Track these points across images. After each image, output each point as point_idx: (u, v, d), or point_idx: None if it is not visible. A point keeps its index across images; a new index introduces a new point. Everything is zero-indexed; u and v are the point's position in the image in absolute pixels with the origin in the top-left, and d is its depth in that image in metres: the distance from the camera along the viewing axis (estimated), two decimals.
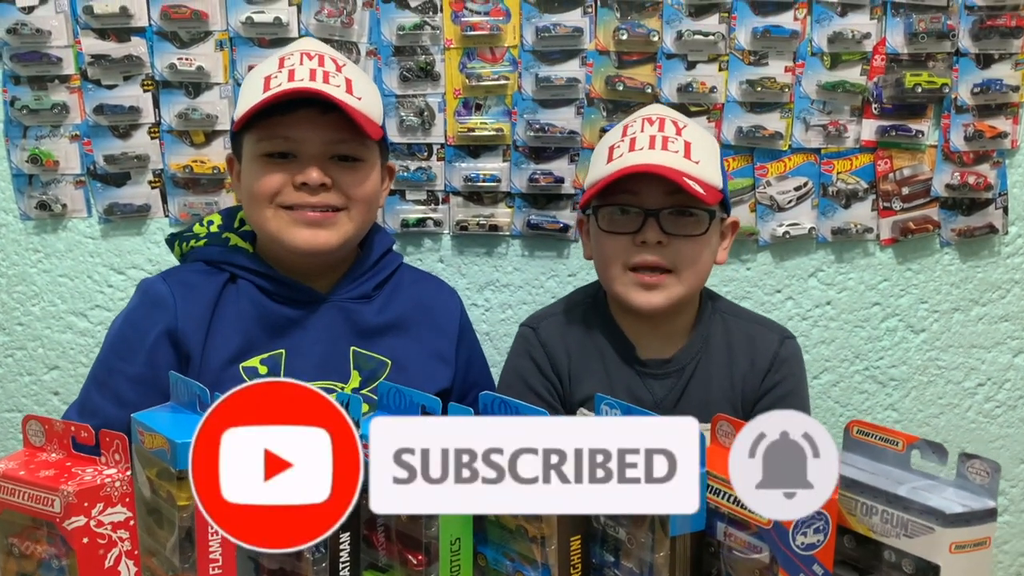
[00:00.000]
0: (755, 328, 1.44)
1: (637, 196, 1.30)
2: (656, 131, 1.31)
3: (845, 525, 0.78)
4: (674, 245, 1.30)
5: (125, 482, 0.80)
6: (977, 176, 1.75)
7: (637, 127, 1.33)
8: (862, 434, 0.82)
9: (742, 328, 1.43)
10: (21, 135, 1.69)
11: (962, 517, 0.71)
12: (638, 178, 1.27)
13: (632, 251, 1.31)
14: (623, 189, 1.29)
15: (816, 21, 1.69)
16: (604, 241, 1.33)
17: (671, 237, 1.30)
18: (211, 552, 0.86)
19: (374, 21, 1.67)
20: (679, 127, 1.33)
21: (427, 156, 1.72)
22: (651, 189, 1.29)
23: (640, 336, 1.40)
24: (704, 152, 1.32)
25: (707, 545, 0.80)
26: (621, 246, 1.31)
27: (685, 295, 1.34)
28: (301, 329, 1.29)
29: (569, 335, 1.41)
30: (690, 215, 1.31)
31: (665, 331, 1.40)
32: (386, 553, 0.88)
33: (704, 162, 1.30)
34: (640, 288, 1.31)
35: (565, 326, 1.43)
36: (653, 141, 1.29)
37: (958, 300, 1.84)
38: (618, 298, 1.35)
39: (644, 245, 1.30)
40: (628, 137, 1.32)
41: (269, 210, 1.26)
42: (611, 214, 1.33)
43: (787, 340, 1.44)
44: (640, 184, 1.28)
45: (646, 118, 1.34)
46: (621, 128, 1.36)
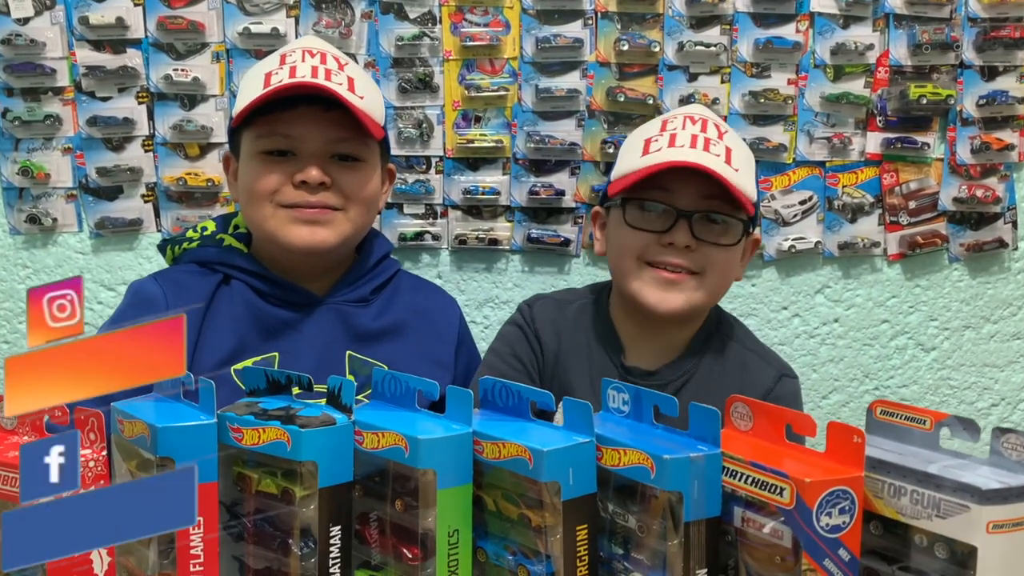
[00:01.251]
0: (752, 358, 1.35)
1: (671, 195, 1.23)
2: (699, 131, 1.25)
3: (871, 510, 0.72)
4: (702, 250, 1.24)
5: (100, 463, 0.75)
6: (985, 189, 1.73)
7: (679, 123, 1.27)
8: (886, 414, 0.77)
9: (738, 355, 1.35)
10: (12, 148, 1.67)
11: (1000, 494, 0.66)
12: (675, 176, 1.21)
13: (656, 249, 1.24)
14: (658, 185, 1.23)
15: (818, 33, 1.68)
16: (626, 235, 1.26)
17: (700, 243, 1.23)
18: (192, 548, 0.80)
19: (372, 32, 1.66)
20: (721, 131, 1.27)
21: (426, 169, 1.70)
22: (687, 189, 1.22)
23: (634, 342, 1.33)
24: (743, 161, 1.26)
25: (723, 533, 0.75)
26: (644, 242, 1.24)
27: (704, 303, 1.28)
28: (296, 332, 1.24)
29: (561, 322, 1.36)
30: (723, 223, 1.25)
31: (661, 343, 1.33)
32: (380, 549, 0.82)
33: (743, 171, 1.24)
34: (658, 285, 1.23)
35: (559, 312, 1.37)
36: (695, 140, 1.23)
37: (969, 317, 1.80)
38: (631, 295, 1.27)
39: (671, 247, 1.23)
40: (668, 132, 1.25)
41: (267, 208, 1.23)
42: (640, 210, 1.25)
43: (785, 379, 1.34)
44: (676, 182, 1.22)
45: (688, 116, 1.28)
46: (660, 122, 1.29)
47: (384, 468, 0.81)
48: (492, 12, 1.66)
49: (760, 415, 0.77)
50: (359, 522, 0.83)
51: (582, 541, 0.76)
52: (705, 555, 0.73)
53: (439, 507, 0.77)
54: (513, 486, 0.77)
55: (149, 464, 0.80)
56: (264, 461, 0.82)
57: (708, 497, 0.73)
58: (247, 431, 0.81)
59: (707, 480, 0.73)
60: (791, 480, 0.68)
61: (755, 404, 0.78)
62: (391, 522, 0.81)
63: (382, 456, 0.79)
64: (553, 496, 0.74)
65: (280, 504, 0.81)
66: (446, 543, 0.78)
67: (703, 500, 0.73)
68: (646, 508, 0.75)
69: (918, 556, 0.71)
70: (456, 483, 0.78)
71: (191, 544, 0.80)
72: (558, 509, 0.74)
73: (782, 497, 0.69)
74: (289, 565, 0.81)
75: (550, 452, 0.73)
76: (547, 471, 0.73)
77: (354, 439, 0.81)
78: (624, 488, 0.77)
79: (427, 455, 0.76)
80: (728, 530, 0.74)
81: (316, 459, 0.78)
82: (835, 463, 0.70)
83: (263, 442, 0.80)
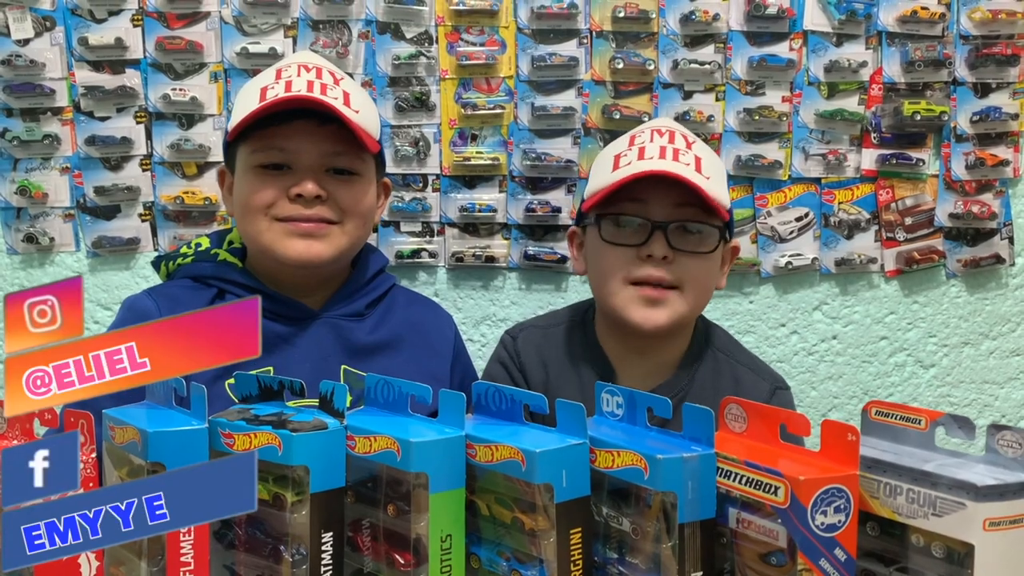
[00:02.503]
0: (745, 373, 1.34)
1: (644, 206, 1.23)
2: (667, 142, 1.25)
3: (867, 510, 0.71)
4: (680, 261, 1.23)
5: (90, 465, 0.74)
6: (981, 205, 1.73)
7: (646, 136, 1.27)
8: (881, 415, 0.77)
9: (732, 370, 1.34)
10: (11, 168, 1.67)
11: (996, 490, 0.65)
12: (646, 187, 1.21)
13: (635, 264, 1.23)
14: (630, 198, 1.23)
15: (812, 51, 1.69)
16: (604, 253, 1.26)
17: (677, 253, 1.23)
18: (183, 555, 0.79)
19: (369, 52, 1.67)
20: (688, 141, 1.27)
21: (422, 187, 1.70)
22: (660, 200, 1.22)
23: (625, 363, 1.32)
24: (713, 170, 1.26)
25: (719, 536, 0.74)
26: (623, 259, 1.24)
27: (687, 316, 1.27)
28: (290, 346, 1.24)
29: (547, 350, 1.34)
30: (698, 231, 1.25)
31: (652, 362, 1.31)
32: (372, 555, 0.81)
33: (714, 179, 1.24)
34: (642, 304, 1.23)
35: (544, 339, 1.36)
36: (664, 151, 1.24)
37: (967, 334, 1.80)
38: (615, 314, 1.26)
39: (649, 259, 1.22)
40: (637, 146, 1.26)
41: (263, 222, 1.22)
42: (615, 225, 1.26)
43: (779, 391, 1.34)
44: (648, 193, 1.22)
45: (655, 129, 1.29)
46: (628, 138, 1.30)
47: (376, 473, 0.80)
48: (488, 32, 1.67)
49: (754, 416, 0.77)
50: (351, 529, 0.82)
51: (576, 545, 0.75)
52: (700, 558, 0.72)
53: (431, 512, 0.76)
54: (507, 490, 0.77)
55: (140, 470, 0.80)
56: None
57: (702, 498, 0.72)
58: (239, 436, 0.80)
59: (701, 481, 0.72)
60: (785, 479, 0.68)
61: (749, 405, 0.77)
62: (383, 528, 0.80)
63: (374, 460, 0.78)
64: (546, 499, 0.73)
65: (272, 510, 0.80)
66: (439, 548, 0.77)
67: (697, 501, 0.72)
68: (640, 510, 0.74)
69: (915, 557, 0.70)
70: (449, 487, 0.77)
71: (181, 552, 0.79)
72: (551, 512, 0.74)
73: (777, 496, 0.68)
74: (280, 573, 0.80)
75: (543, 453, 0.73)
76: (540, 473, 0.72)
77: (346, 444, 0.80)
78: (618, 491, 0.76)
79: (419, 458, 0.76)
80: (723, 532, 0.73)
81: (308, 463, 0.78)
82: (830, 461, 0.70)
83: (254, 447, 0.79)
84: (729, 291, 1.75)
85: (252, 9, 1.64)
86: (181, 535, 0.78)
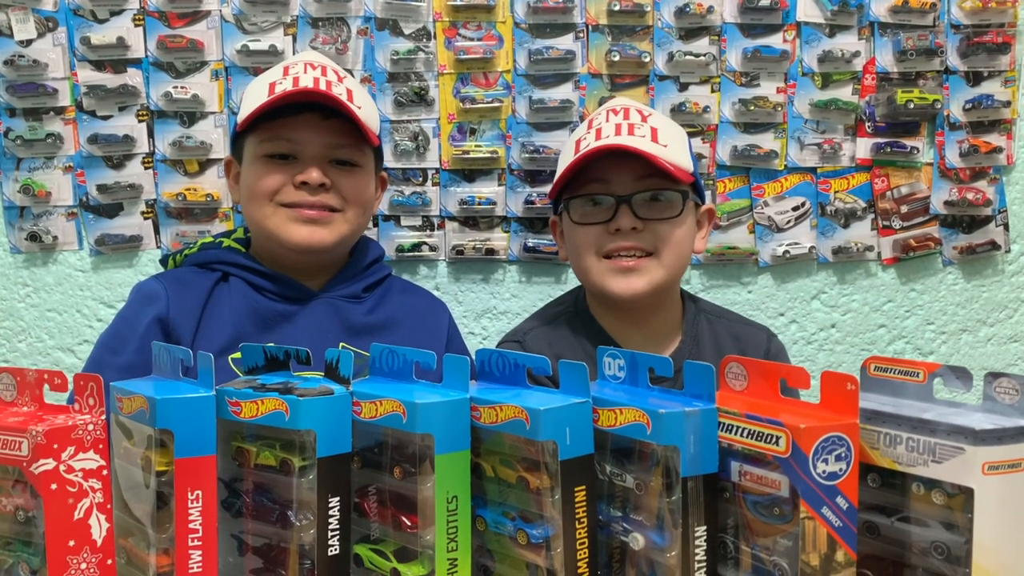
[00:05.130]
0: (741, 328, 1.43)
1: (607, 184, 1.28)
2: (621, 119, 1.31)
3: (868, 462, 0.72)
4: (650, 228, 1.28)
5: (99, 427, 0.75)
6: (975, 192, 1.75)
7: (602, 118, 1.33)
8: (880, 370, 0.78)
9: (728, 328, 1.42)
10: (14, 167, 1.69)
11: (994, 434, 0.66)
12: (607, 165, 1.26)
13: (606, 239, 1.28)
14: (592, 178, 1.28)
15: (805, 42, 1.71)
16: (577, 233, 1.31)
17: (646, 222, 1.27)
18: (191, 522, 0.80)
19: (368, 48, 1.69)
20: (644, 115, 1.33)
21: (422, 181, 1.72)
22: (621, 175, 1.27)
23: (627, 339, 1.35)
24: (671, 137, 1.31)
25: (722, 490, 0.75)
26: (594, 235, 1.29)
27: (665, 280, 1.31)
28: (291, 324, 1.28)
29: (557, 345, 1.37)
30: (663, 198, 1.29)
31: (650, 332, 1.36)
32: (378, 519, 0.82)
33: (672, 146, 1.29)
34: (617, 274, 1.28)
35: (551, 337, 1.38)
36: (619, 128, 1.29)
37: (965, 321, 1.81)
38: (595, 289, 1.31)
39: (619, 233, 1.27)
40: (594, 128, 1.31)
41: (268, 207, 1.28)
42: (582, 206, 1.31)
43: (773, 337, 1.44)
44: (609, 171, 1.27)
45: (610, 109, 1.35)
46: (587, 123, 1.36)
47: (382, 439, 0.81)
48: (485, 27, 1.69)
49: (754, 373, 0.78)
50: (358, 495, 0.83)
51: (580, 503, 0.76)
52: (703, 512, 0.73)
53: (437, 473, 0.77)
54: (511, 450, 0.78)
55: (148, 440, 0.80)
56: (263, 434, 0.82)
57: (705, 452, 0.73)
58: (245, 404, 0.81)
59: (703, 435, 0.73)
60: (786, 428, 0.69)
61: (749, 362, 0.78)
62: (390, 491, 0.81)
63: (380, 424, 0.79)
64: (550, 456, 0.74)
65: (279, 476, 0.81)
66: (445, 510, 0.78)
67: (700, 455, 0.73)
68: (643, 466, 0.75)
69: (916, 505, 0.71)
70: (454, 448, 0.78)
71: (190, 520, 0.80)
72: (555, 470, 0.74)
73: (778, 446, 0.69)
74: (288, 538, 0.81)
75: (547, 411, 0.73)
76: (544, 430, 0.73)
77: (352, 410, 0.81)
78: (621, 450, 0.77)
79: (424, 420, 0.77)
80: (726, 486, 0.74)
81: (315, 428, 0.79)
82: (830, 412, 0.71)
83: (261, 414, 0.80)
84: (727, 281, 1.77)
85: (252, 7, 1.66)
86: (189, 503, 0.79)
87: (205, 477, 0.80)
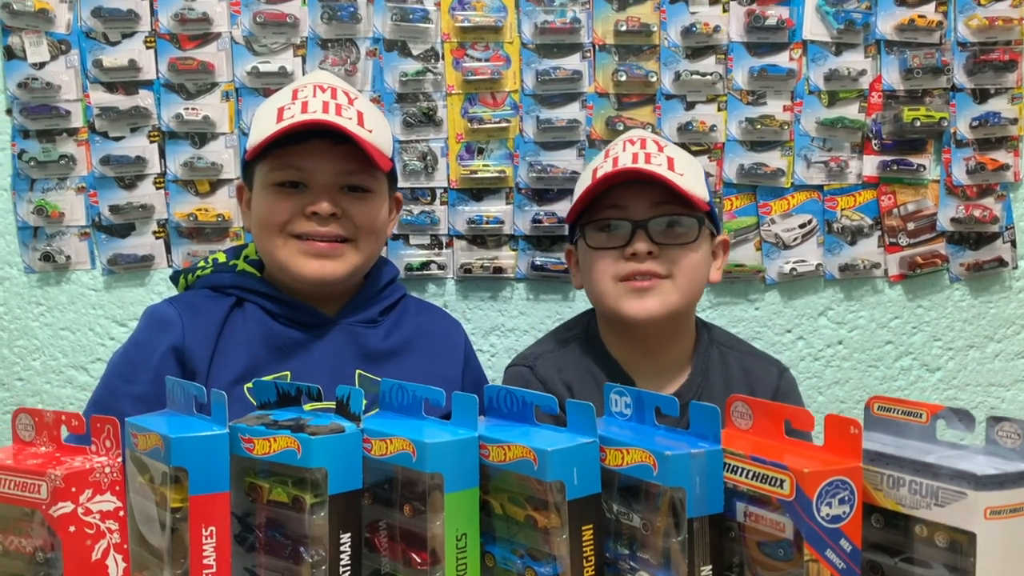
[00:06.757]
0: (752, 361, 1.41)
1: (624, 210, 1.29)
2: (639, 149, 1.31)
3: (871, 502, 0.73)
4: (666, 254, 1.28)
5: (116, 469, 0.76)
6: (982, 209, 1.75)
7: (619, 148, 1.34)
8: (883, 410, 0.79)
9: (738, 361, 1.40)
10: (28, 188, 1.71)
11: (996, 479, 0.67)
12: (624, 192, 1.27)
13: (622, 263, 1.29)
14: (609, 204, 1.29)
15: (811, 60, 1.72)
16: (593, 259, 1.31)
17: (662, 247, 1.28)
18: (205, 557, 0.81)
19: (377, 69, 1.70)
20: (660, 145, 1.34)
21: (430, 200, 1.73)
22: (637, 201, 1.28)
23: (637, 368, 1.35)
24: (687, 167, 1.32)
25: (727, 530, 0.76)
26: (610, 260, 1.30)
27: (680, 304, 1.31)
28: (307, 351, 1.27)
29: (567, 371, 1.37)
30: (679, 224, 1.30)
31: (662, 362, 1.36)
32: (389, 555, 0.83)
33: (688, 175, 1.30)
34: (632, 296, 1.28)
35: (562, 362, 1.38)
36: (636, 157, 1.30)
37: (972, 337, 1.81)
38: (610, 313, 1.31)
39: (635, 257, 1.28)
40: (611, 157, 1.32)
41: (279, 239, 1.26)
42: (599, 231, 1.31)
43: (784, 372, 1.42)
44: (626, 197, 1.28)
45: (627, 139, 1.36)
46: (603, 153, 1.37)
47: (392, 475, 0.82)
48: (493, 47, 1.70)
49: (760, 413, 0.79)
50: (369, 530, 0.84)
51: (588, 541, 0.77)
52: (709, 552, 0.74)
53: (447, 511, 0.78)
54: (519, 488, 0.79)
55: (163, 477, 0.82)
56: (275, 470, 0.83)
57: (711, 493, 0.74)
58: (258, 441, 0.82)
59: (709, 476, 0.74)
60: (790, 472, 0.69)
61: (754, 402, 0.79)
62: (400, 527, 0.82)
63: (390, 462, 0.80)
64: (558, 496, 0.75)
65: (291, 513, 0.82)
66: (454, 547, 0.79)
67: (705, 496, 0.74)
68: (650, 506, 0.76)
69: (920, 547, 0.72)
70: (463, 487, 0.79)
71: (204, 555, 0.81)
72: (563, 509, 0.76)
73: (782, 489, 0.70)
74: (300, 574, 0.82)
75: (554, 452, 0.75)
76: (551, 471, 0.74)
77: (363, 447, 0.82)
78: (628, 488, 0.78)
79: (434, 459, 0.78)
80: (731, 526, 0.75)
81: (326, 466, 0.80)
82: (833, 455, 0.72)
83: (274, 451, 0.81)
84: (734, 298, 1.77)
85: (262, 29, 1.68)
86: (203, 538, 0.81)
87: (219, 513, 0.81)
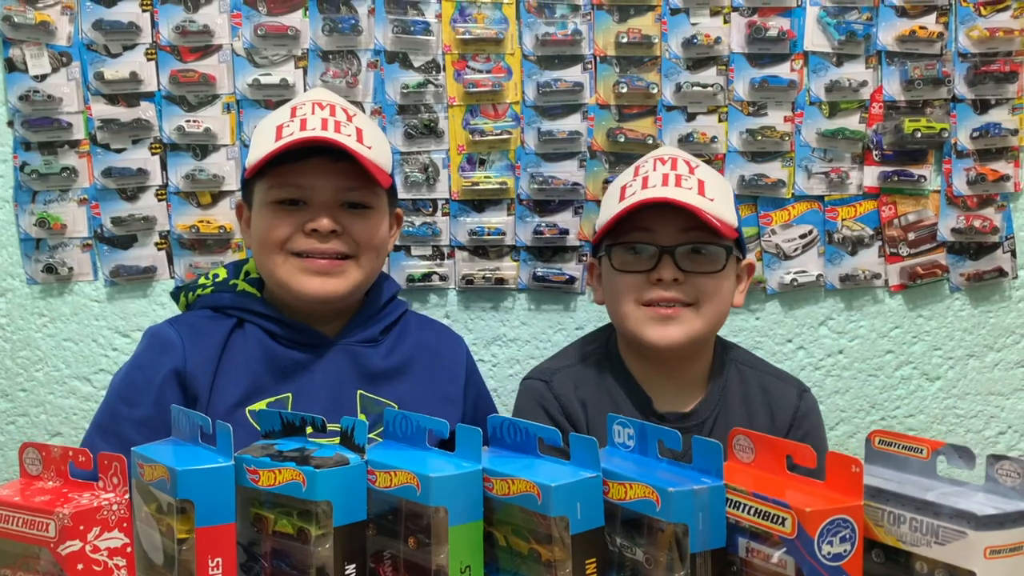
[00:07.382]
0: (771, 381, 1.40)
1: (651, 233, 1.27)
2: (669, 169, 1.29)
3: (872, 537, 0.74)
4: (691, 281, 1.27)
5: (123, 506, 0.77)
6: (983, 220, 1.75)
7: (649, 166, 1.31)
8: (884, 444, 0.79)
9: (758, 380, 1.39)
10: (30, 200, 1.71)
11: (995, 519, 0.67)
12: (652, 215, 1.25)
13: (647, 288, 1.27)
14: (637, 227, 1.27)
15: (812, 71, 1.72)
16: (617, 280, 1.30)
17: (687, 274, 1.27)
18: None
19: (378, 81, 1.70)
20: (691, 166, 1.31)
21: (432, 211, 1.73)
22: (666, 226, 1.27)
23: (655, 387, 1.35)
24: (717, 191, 1.30)
25: (728, 564, 0.76)
26: (635, 283, 1.28)
27: (703, 332, 1.30)
28: (308, 372, 1.27)
29: (583, 388, 1.36)
30: (706, 252, 1.28)
31: (680, 381, 1.36)
32: None
33: (718, 200, 1.28)
34: (655, 322, 1.27)
35: (579, 378, 1.37)
36: (666, 179, 1.28)
37: (972, 346, 1.82)
38: (632, 336, 1.30)
39: (660, 283, 1.27)
40: (640, 176, 1.30)
41: (279, 256, 1.26)
42: (624, 253, 1.30)
43: (805, 393, 1.40)
44: (654, 221, 1.26)
45: (658, 158, 1.33)
46: (633, 169, 1.34)
47: (397, 506, 0.83)
48: (494, 59, 1.70)
49: (762, 447, 0.80)
50: (373, 561, 0.85)
51: (591, 574, 0.77)
52: None
53: (451, 543, 0.79)
54: (523, 521, 0.79)
55: (169, 508, 0.83)
56: (280, 502, 0.84)
57: (713, 528, 0.75)
58: (263, 472, 0.83)
59: (711, 512, 0.75)
60: (792, 510, 0.70)
61: (756, 436, 0.80)
62: (404, 559, 0.82)
63: (395, 495, 0.81)
64: (562, 530, 0.76)
65: (296, 544, 0.83)
66: None
67: (708, 531, 0.75)
68: (653, 541, 0.77)
69: None
70: (467, 520, 0.80)
71: None
72: (567, 543, 0.76)
73: (784, 527, 0.71)
74: None
75: (558, 487, 0.75)
76: (555, 506, 0.75)
77: (367, 478, 0.83)
78: (631, 521, 0.79)
79: (438, 493, 0.78)
80: (734, 561, 0.76)
81: (331, 499, 0.80)
82: (835, 492, 0.72)
83: (279, 483, 0.82)
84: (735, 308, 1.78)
85: (263, 41, 1.68)
86: (210, 569, 0.81)
87: (225, 544, 0.82)
